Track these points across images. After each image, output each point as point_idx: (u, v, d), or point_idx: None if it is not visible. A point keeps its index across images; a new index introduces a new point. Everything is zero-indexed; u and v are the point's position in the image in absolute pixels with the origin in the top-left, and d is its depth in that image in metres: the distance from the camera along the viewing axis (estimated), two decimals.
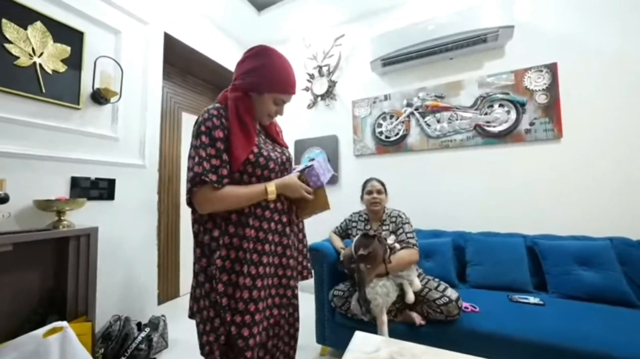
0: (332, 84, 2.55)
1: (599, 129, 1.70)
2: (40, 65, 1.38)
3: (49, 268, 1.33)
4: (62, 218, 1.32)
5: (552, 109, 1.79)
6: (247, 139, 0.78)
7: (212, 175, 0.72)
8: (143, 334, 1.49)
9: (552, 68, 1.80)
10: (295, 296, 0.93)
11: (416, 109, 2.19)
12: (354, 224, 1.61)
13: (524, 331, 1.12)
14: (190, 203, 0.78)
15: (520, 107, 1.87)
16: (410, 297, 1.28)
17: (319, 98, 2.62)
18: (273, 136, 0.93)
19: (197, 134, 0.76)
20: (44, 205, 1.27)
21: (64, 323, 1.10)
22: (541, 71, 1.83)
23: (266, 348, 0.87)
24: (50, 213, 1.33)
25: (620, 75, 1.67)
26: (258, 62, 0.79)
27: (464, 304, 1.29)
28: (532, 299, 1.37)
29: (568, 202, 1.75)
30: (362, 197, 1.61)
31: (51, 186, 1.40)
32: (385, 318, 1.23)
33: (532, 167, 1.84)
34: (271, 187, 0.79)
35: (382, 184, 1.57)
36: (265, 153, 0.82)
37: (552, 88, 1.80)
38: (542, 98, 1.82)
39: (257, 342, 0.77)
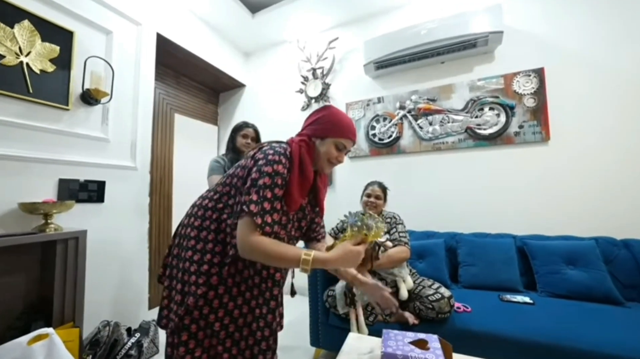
0: (326, 87, 2.56)
1: (585, 132, 1.75)
2: (27, 64, 1.35)
3: (35, 273, 1.29)
4: (49, 221, 1.29)
5: (540, 112, 1.84)
6: (303, 187, 0.82)
7: (267, 216, 0.74)
8: (133, 339, 1.46)
9: (540, 73, 1.85)
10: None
11: (409, 112, 2.22)
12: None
13: (515, 330, 1.14)
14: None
15: (509, 110, 1.92)
16: (404, 294, 1.31)
17: (313, 101, 2.63)
18: (318, 190, 0.94)
19: (262, 170, 0.76)
20: (30, 208, 1.24)
21: (50, 330, 1.07)
22: (529, 75, 1.88)
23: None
24: (37, 216, 1.29)
25: (605, 79, 1.73)
26: (321, 114, 0.88)
27: (456, 304, 1.30)
28: (522, 299, 1.39)
29: (556, 203, 1.79)
30: (362, 198, 1.63)
31: (38, 189, 1.36)
32: (358, 313, 1.29)
33: (522, 169, 1.88)
34: (308, 257, 0.71)
35: (384, 190, 1.60)
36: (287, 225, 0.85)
37: (540, 92, 1.85)
38: (530, 102, 1.87)
39: None
